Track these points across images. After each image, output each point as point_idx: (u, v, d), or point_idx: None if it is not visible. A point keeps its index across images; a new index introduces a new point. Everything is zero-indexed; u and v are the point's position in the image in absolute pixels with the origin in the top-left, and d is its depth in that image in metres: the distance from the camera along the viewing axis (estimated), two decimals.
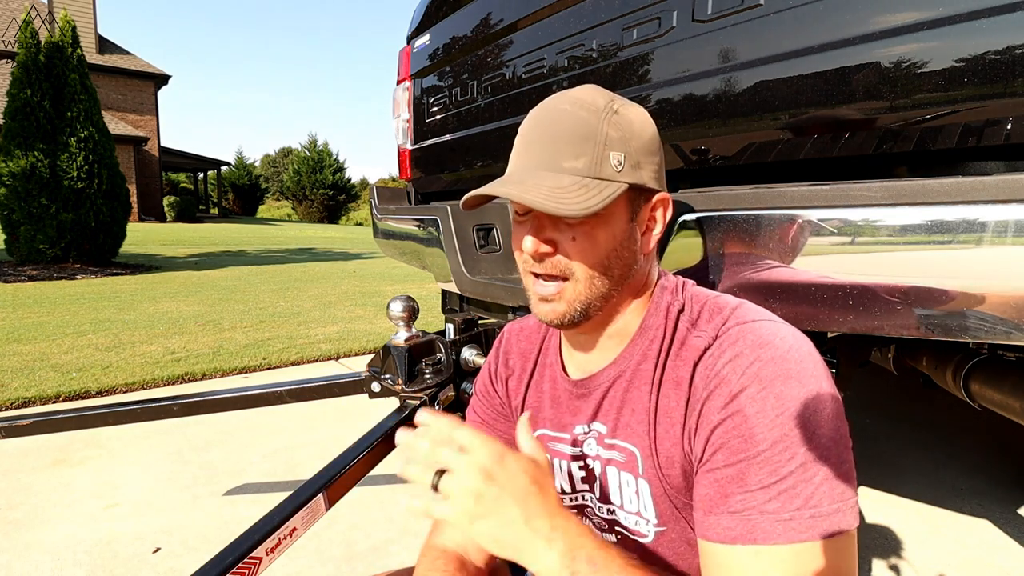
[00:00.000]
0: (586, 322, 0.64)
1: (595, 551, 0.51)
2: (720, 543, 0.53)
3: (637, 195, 0.63)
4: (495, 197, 0.62)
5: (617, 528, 0.68)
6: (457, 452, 0.53)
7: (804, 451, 0.51)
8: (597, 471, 0.69)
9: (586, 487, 0.70)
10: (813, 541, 0.50)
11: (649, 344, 0.65)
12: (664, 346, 0.63)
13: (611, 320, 0.66)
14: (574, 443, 0.71)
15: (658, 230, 0.67)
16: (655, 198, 0.65)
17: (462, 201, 0.65)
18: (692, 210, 1.01)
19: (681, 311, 0.65)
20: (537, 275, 0.64)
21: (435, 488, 0.52)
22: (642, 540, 0.66)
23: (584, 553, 0.51)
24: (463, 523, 0.51)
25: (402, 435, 0.57)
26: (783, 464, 0.51)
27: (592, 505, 0.71)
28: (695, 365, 0.59)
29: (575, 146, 0.60)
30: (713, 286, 0.98)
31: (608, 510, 0.68)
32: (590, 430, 0.69)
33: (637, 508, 0.65)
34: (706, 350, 0.59)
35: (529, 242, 0.61)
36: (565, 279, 0.62)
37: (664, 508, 0.63)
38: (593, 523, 0.71)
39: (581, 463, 0.70)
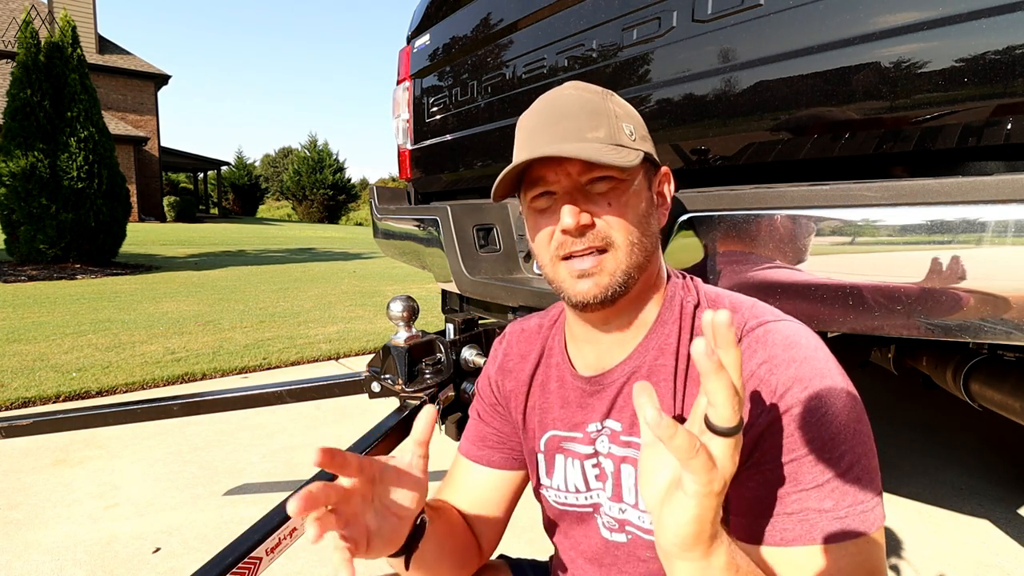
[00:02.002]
0: (622, 298, 0.63)
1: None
2: (775, 546, 0.54)
3: (649, 166, 0.67)
4: (526, 173, 0.63)
5: (628, 528, 0.68)
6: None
7: (848, 448, 0.53)
8: (609, 469, 0.68)
9: (600, 485, 0.70)
10: (867, 535, 0.52)
11: (666, 339, 0.65)
12: (683, 341, 0.64)
13: (636, 301, 0.66)
14: (587, 441, 0.70)
15: (667, 206, 0.70)
16: (662, 171, 0.69)
17: (493, 192, 0.65)
18: (693, 210, 1.00)
19: (697, 306, 0.66)
20: (571, 256, 0.62)
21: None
22: (654, 540, 0.65)
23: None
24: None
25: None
26: (833, 462, 0.53)
27: (604, 504, 0.70)
28: None
29: (592, 119, 0.62)
30: (713, 285, 0.98)
31: (620, 509, 0.67)
32: (603, 427, 0.68)
33: None
34: None
35: (569, 216, 0.60)
36: (604, 250, 0.62)
37: None
38: (604, 523, 0.70)
39: (594, 461, 0.70)
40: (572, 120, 0.62)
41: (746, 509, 0.56)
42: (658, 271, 0.68)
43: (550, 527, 0.79)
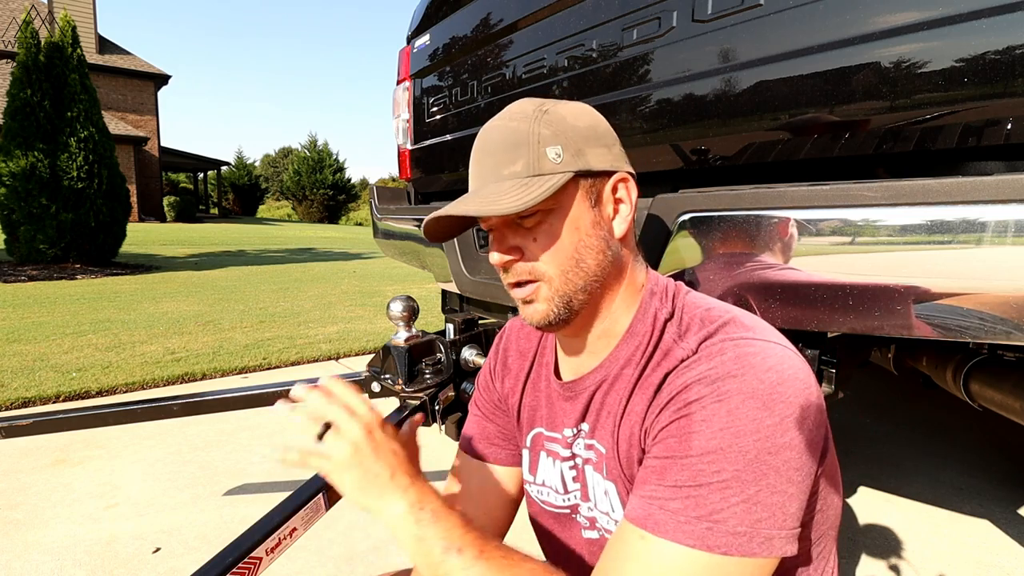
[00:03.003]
0: (574, 318, 0.64)
1: (440, 506, 0.58)
2: (624, 518, 0.56)
3: (590, 180, 0.63)
4: (447, 224, 0.68)
5: (597, 525, 0.69)
6: (346, 411, 0.61)
7: (734, 470, 0.50)
8: (583, 471, 0.70)
9: (576, 487, 0.71)
10: (698, 550, 0.50)
11: (634, 351, 0.64)
12: (647, 353, 0.62)
13: (597, 317, 0.66)
14: (565, 444, 0.71)
15: (627, 211, 0.65)
16: (613, 178, 0.64)
17: (425, 235, 0.69)
18: (692, 210, 1.00)
19: (669, 319, 0.63)
20: (507, 284, 0.66)
21: (319, 437, 0.60)
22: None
23: (430, 506, 0.58)
24: (335, 471, 0.59)
25: (298, 389, 0.63)
26: (704, 475, 0.51)
27: (580, 505, 0.71)
28: (667, 373, 0.59)
29: (511, 153, 0.62)
30: (713, 286, 0.98)
31: (588, 507, 0.70)
32: (578, 431, 0.70)
33: (607, 508, 0.66)
34: (683, 360, 0.58)
35: (495, 255, 0.64)
36: (537, 281, 0.63)
37: None
38: (581, 523, 0.71)
39: (571, 463, 0.71)
40: (492, 157, 0.63)
41: (632, 488, 0.58)
42: (625, 283, 0.66)
43: (535, 526, 0.79)
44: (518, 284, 0.65)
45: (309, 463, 0.60)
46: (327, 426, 0.60)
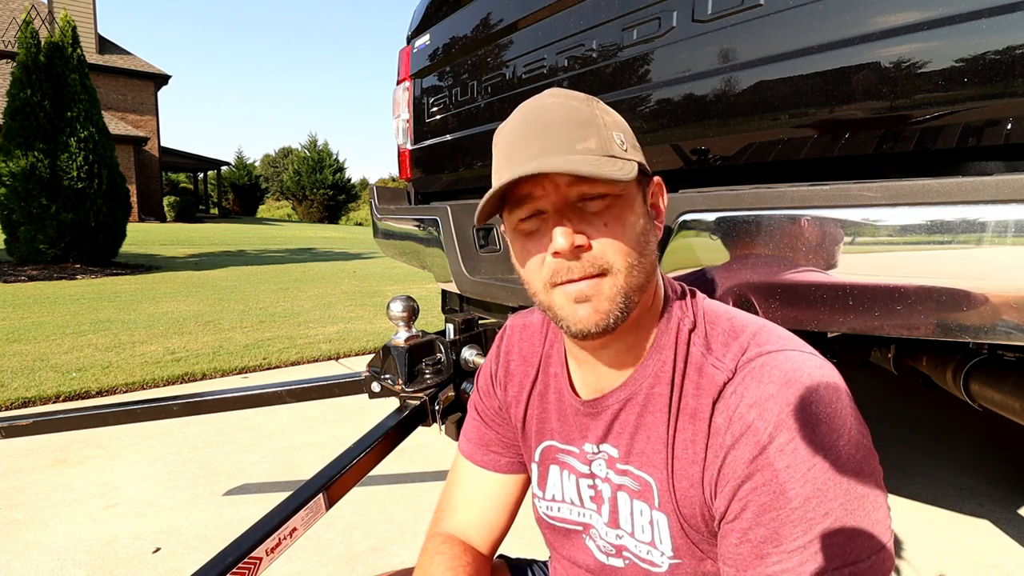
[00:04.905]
0: (623, 322, 0.58)
1: None
2: None
3: (643, 177, 0.61)
4: (510, 192, 0.57)
5: (625, 554, 0.65)
6: None
7: (839, 504, 0.49)
8: (606, 494, 0.66)
9: (594, 507, 0.68)
10: None
11: (662, 366, 0.61)
12: (678, 370, 0.59)
13: (633, 329, 0.62)
14: (584, 460, 0.68)
15: (662, 217, 0.64)
16: (654, 182, 0.63)
17: (476, 216, 0.59)
18: (692, 210, 1.00)
19: (693, 329, 0.61)
20: (567, 282, 0.57)
21: None
22: (654, 570, 0.63)
23: None
24: None
25: None
26: (817, 521, 0.49)
27: (598, 528, 0.67)
28: (715, 402, 0.56)
29: (581, 129, 0.56)
30: (714, 286, 0.98)
31: (617, 535, 0.65)
32: (599, 451, 0.66)
33: (651, 538, 0.62)
34: (726, 384, 0.55)
35: (563, 238, 0.54)
36: (603, 275, 0.56)
37: (681, 542, 0.60)
38: (598, 546, 0.68)
39: (590, 482, 0.68)
40: (558, 131, 0.56)
41: (730, 561, 0.53)
42: (656, 290, 0.63)
43: (546, 539, 0.77)
44: (578, 279, 0.56)
45: None
46: None
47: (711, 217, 0.98)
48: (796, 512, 0.49)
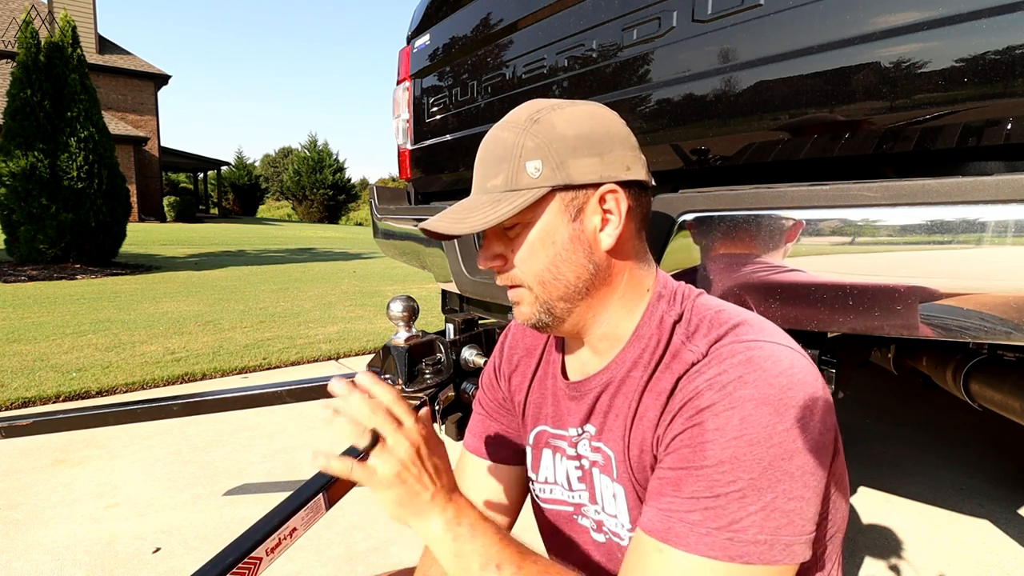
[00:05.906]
0: (561, 324, 0.66)
1: (477, 520, 0.59)
2: (640, 530, 0.55)
3: (571, 194, 0.62)
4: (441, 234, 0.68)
5: (604, 528, 0.69)
6: (394, 423, 0.58)
7: (749, 479, 0.51)
8: (590, 474, 0.70)
9: (582, 487, 0.71)
10: (720, 561, 0.50)
11: (640, 353, 0.64)
12: (656, 356, 0.62)
13: (592, 321, 0.66)
14: (570, 443, 0.72)
15: (616, 222, 0.63)
16: (600, 191, 0.62)
17: (429, 236, 0.69)
18: (692, 210, 1.01)
19: (678, 321, 0.63)
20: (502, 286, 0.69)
21: (367, 451, 0.57)
22: (620, 543, 0.66)
23: (467, 520, 0.58)
24: (376, 487, 0.57)
25: (337, 386, 0.60)
26: (721, 484, 0.51)
27: (586, 505, 0.71)
28: (679, 378, 0.58)
29: (495, 167, 0.63)
30: (713, 286, 0.98)
31: (595, 511, 0.69)
32: (583, 431, 0.69)
33: (615, 511, 0.66)
34: (694, 364, 0.58)
35: (479, 260, 0.68)
36: (520, 286, 0.66)
37: (637, 514, 0.63)
38: (588, 525, 0.71)
39: (577, 463, 0.71)
40: (481, 167, 0.66)
41: (646, 498, 0.58)
42: (621, 289, 0.65)
43: (540, 527, 0.79)
44: (508, 286, 0.68)
45: (353, 476, 0.57)
46: (375, 435, 0.57)
47: (711, 217, 0.98)
48: (705, 470, 0.52)
